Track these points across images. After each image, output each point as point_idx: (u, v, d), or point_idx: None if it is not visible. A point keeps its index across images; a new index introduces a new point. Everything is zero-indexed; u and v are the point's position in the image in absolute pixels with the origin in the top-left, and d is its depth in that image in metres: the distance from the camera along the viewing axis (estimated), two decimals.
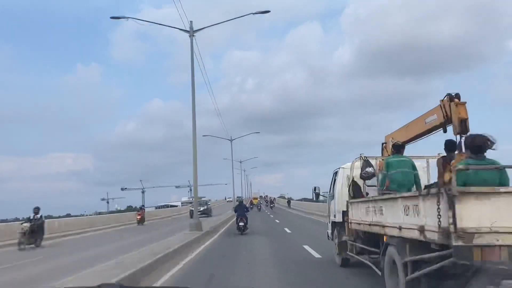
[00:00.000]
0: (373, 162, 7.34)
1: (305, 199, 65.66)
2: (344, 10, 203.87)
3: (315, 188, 10.16)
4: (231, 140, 45.50)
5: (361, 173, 7.23)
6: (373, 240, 6.44)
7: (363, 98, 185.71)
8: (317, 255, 10.52)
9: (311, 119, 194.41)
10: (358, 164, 7.45)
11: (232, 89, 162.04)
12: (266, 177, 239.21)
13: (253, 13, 19.60)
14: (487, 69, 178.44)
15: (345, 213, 8.03)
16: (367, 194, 7.37)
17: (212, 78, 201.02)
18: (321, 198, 10.52)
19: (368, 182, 7.43)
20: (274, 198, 70.13)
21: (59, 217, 38.15)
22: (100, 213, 70.30)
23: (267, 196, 74.80)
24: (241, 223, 18.16)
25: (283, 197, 75.92)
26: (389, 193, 5.95)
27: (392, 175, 6.27)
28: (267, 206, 60.64)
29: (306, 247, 12.14)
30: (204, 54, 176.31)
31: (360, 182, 7.51)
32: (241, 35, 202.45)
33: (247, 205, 28.04)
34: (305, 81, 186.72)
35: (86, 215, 56.26)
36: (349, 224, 7.36)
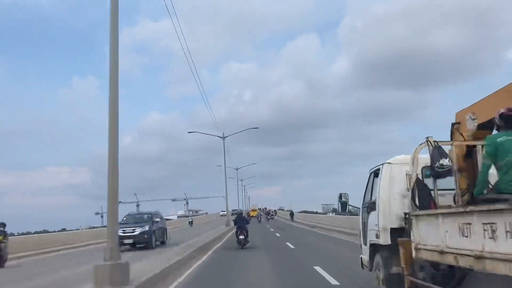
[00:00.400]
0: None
1: (305, 212, 62.84)
2: (341, 22, 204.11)
3: (341, 195, 7.25)
4: (223, 138, 41.03)
5: (432, 167, 4.51)
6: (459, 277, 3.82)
7: (361, 109, 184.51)
8: (333, 281, 8.47)
9: (309, 131, 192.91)
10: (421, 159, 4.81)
11: (230, 101, 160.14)
12: (264, 190, 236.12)
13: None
14: (484, 79, 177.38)
15: (396, 232, 5.40)
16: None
17: (209, 90, 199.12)
18: (349, 208, 7.60)
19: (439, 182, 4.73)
20: (274, 211, 72.02)
21: (36, 232, 35.10)
22: (93, 228, 67.12)
23: (265, 208, 72.53)
24: (241, 236, 17.11)
25: (282, 210, 72.72)
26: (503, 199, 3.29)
27: (507, 165, 3.57)
28: (267, 218, 61.21)
29: (317, 268, 10.31)
30: (201, 66, 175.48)
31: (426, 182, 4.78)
32: (238, 47, 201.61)
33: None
34: (303, 93, 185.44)
35: (82, 229, 53.17)
36: (412, 250, 4.58)
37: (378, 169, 6.11)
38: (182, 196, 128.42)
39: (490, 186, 3.88)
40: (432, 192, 4.65)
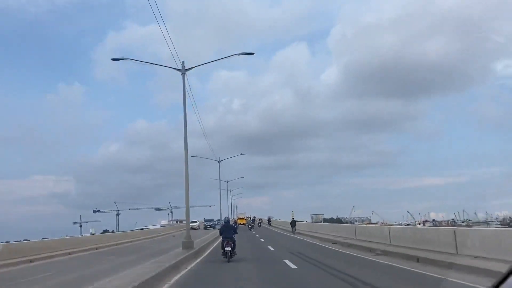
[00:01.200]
0: None
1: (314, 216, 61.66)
2: (332, 31, 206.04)
3: None
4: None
5: None
6: None
7: (351, 119, 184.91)
8: None
9: (298, 141, 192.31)
10: None
11: (219, 110, 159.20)
12: (253, 200, 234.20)
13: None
14: (474, 90, 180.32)
15: None
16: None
17: (198, 99, 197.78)
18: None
19: None
20: (260, 219, 72.63)
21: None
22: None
23: (254, 217, 72.81)
24: (227, 248, 15.25)
25: (271, 219, 72.56)
26: None
27: None
28: (252, 226, 61.01)
29: None
30: (190, 73, 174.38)
31: None
32: (228, 54, 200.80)
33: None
34: (292, 102, 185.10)
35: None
36: None
37: None
38: (167, 205, 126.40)
39: None
40: None
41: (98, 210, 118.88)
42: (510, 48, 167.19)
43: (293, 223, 39.42)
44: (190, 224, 59.05)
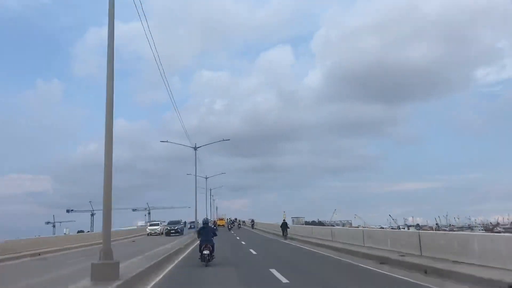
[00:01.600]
0: None
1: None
2: (316, 34, 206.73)
3: None
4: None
5: None
6: None
7: (333, 122, 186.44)
8: None
9: (280, 143, 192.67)
10: None
11: (201, 110, 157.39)
12: (233, 202, 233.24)
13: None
14: (454, 97, 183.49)
15: None
16: None
17: (180, 98, 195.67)
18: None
19: None
20: (240, 221, 72.09)
21: None
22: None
23: (236, 219, 72.78)
24: (205, 251, 14.26)
25: (254, 221, 71.81)
26: None
27: None
28: (231, 226, 61.14)
29: None
30: (172, 73, 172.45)
31: None
32: (211, 55, 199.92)
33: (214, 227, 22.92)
34: (275, 104, 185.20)
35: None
36: None
37: None
38: (144, 206, 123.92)
39: None
40: None
41: (72, 210, 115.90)
42: (490, 56, 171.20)
43: (285, 226, 32.53)
44: (150, 228, 46.09)
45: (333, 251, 17.99)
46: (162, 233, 43.15)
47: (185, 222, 54.24)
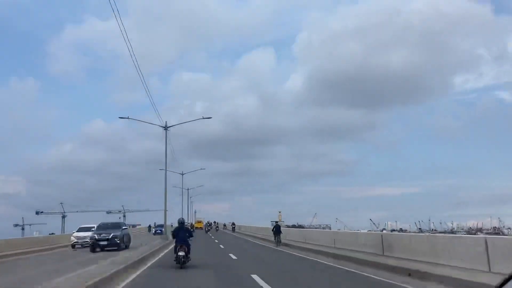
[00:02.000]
0: None
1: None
2: (297, 37, 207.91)
3: None
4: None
5: None
6: None
7: (313, 127, 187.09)
8: None
9: (260, 147, 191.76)
10: None
11: (180, 112, 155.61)
12: (212, 205, 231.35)
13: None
14: (432, 103, 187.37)
15: None
16: None
17: (159, 100, 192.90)
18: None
19: None
20: (224, 225, 71.16)
21: None
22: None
23: (214, 221, 71.29)
24: (181, 253, 13.62)
25: (233, 223, 71.14)
26: None
27: None
28: (209, 229, 60.19)
29: None
30: (150, 73, 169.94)
31: None
32: (191, 55, 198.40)
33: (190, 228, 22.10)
34: (255, 108, 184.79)
35: None
36: None
37: None
38: (119, 208, 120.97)
39: None
40: None
41: (42, 212, 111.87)
42: (468, 63, 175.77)
43: (277, 229, 25.66)
44: (76, 234, 26.85)
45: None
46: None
47: (131, 225, 47.76)
